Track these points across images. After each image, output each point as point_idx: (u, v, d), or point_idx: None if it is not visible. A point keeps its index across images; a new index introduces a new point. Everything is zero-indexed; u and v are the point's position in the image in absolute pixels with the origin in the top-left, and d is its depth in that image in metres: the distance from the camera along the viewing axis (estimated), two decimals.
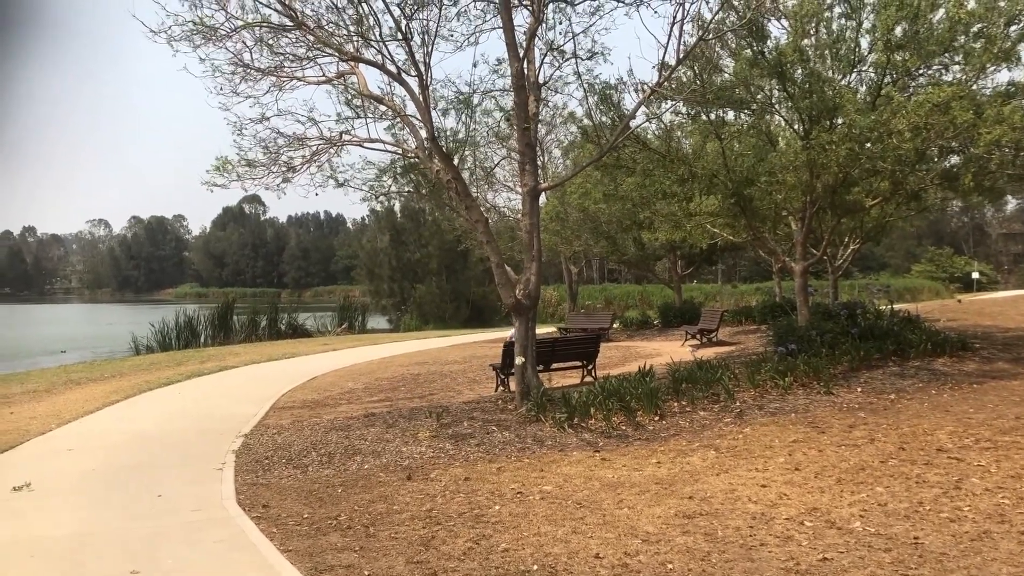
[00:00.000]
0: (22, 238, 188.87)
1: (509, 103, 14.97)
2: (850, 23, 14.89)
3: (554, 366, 15.72)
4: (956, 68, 14.79)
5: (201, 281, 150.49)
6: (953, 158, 16.44)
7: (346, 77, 13.70)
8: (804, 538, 6.60)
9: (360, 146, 13.83)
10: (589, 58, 13.79)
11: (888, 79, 14.55)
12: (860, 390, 12.59)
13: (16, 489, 9.11)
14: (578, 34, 13.47)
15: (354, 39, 12.99)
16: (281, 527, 7.58)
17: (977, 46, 13.97)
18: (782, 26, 15.36)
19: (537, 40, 13.13)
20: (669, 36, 12.03)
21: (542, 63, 13.44)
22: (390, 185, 15.89)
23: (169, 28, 12.17)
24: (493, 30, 13.75)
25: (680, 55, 12.50)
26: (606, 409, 11.52)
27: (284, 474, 9.74)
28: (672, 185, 15.72)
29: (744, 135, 16.01)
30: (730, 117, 16.39)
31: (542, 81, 13.48)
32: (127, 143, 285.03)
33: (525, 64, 12.80)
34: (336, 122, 13.89)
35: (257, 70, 12.98)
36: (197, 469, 10.09)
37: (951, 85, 13.52)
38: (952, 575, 5.72)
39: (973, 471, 8.18)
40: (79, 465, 10.37)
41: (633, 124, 13.88)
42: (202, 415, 14.13)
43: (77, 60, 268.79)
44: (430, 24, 12.85)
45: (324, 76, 13.47)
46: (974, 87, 14.60)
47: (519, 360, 12.82)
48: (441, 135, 13.84)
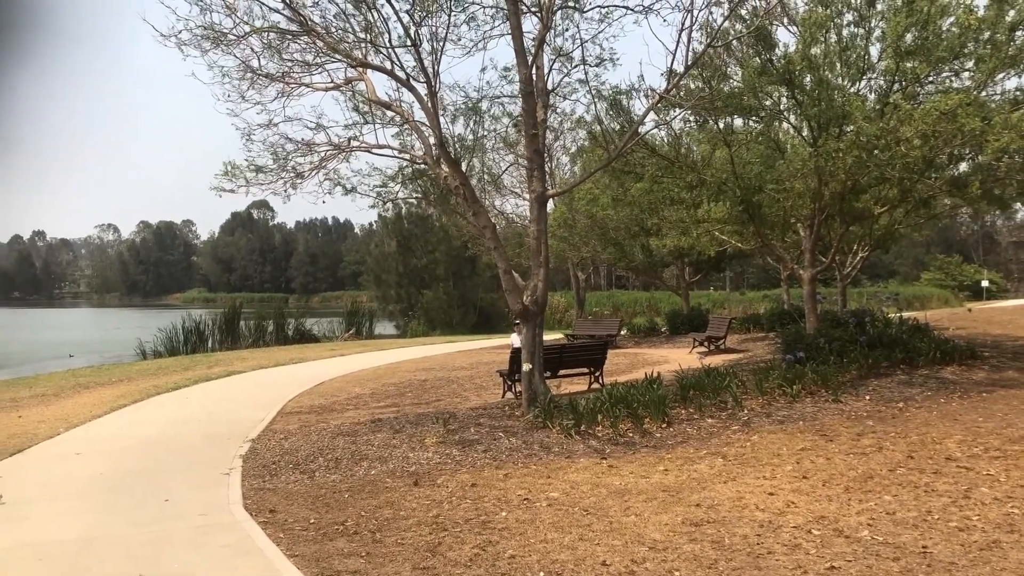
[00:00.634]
0: (32, 242, 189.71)
1: (517, 109, 15.01)
2: (859, 30, 14.87)
3: (561, 373, 15.68)
4: (965, 75, 14.76)
5: (209, 286, 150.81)
6: (962, 165, 16.40)
7: (354, 83, 13.74)
8: (812, 546, 6.57)
9: (368, 152, 13.87)
10: (597, 64, 13.81)
11: (897, 86, 14.53)
12: (868, 398, 12.54)
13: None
14: (586, 41, 13.50)
15: (362, 45, 13.02)
16: (288, 532, 7.58)
17: (986, 52, 13.94)
18: (791, 33, 15.37)
19: (545, 46, 13.15)
20: (677, 43, 12.01)
21: (551, 69, 13.46)
22: (398, 191, 15.92)
23: (179, 33, 12.24)
24: (502, 36, 13.78)
25: (688, 62, 12.50)
26: (613, 416, 11.49)
27: (291, 479, 9.75)
28: (680, 192, 15.72)
29: (753, 142, 15.99)
30: (739, 124, 16.38)
31: (550, 87, 13.49)
32: (131, 145, 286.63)
33: (534, 70, 12.81)
34: (344, 128, 13.95)
35: (265, 76, 13.03)
36: (204, 474, 10.10)
37: (959, 92, 13.48)
38: None
39: (982, 480, 8.14)
40: (87, 469, 10.40)
41: (642, 130, 13.87)
42: (209, 420, 14.15)
43: (81, 63, 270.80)
44: (439, 30, 12.90)
45: (332, 82, 13.50)
46: (982, 94, 14.56)
47: (526, 366, 12.80)
48: (449, 141, 13.86)
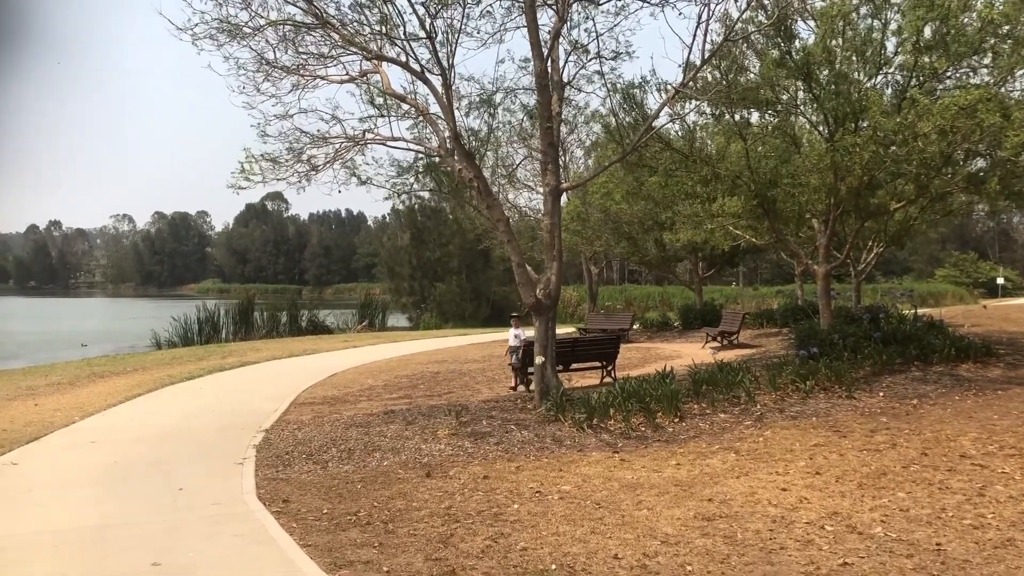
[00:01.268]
0: (48, 232, 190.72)
1: (531, 102, 14.99)
2: (877, 24, 14.75)
3: (573, 366, 15.68)
4: (984, 71, 14.62)
5: (223, 277, 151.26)
6: (979, 161, 16.25)
7: (369, 76, 13.73)
8: (824, 542, 6.55)
9: (383, 144, 13.88)
10: (613, 58, 13.76)
11: (915, 81, 14.41)
12: (882, 395, 12.49)
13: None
14: (602, 34, 13.44)
15: (378, 38, 13.02)
16: (301, 522, 7.62)
17: (1006, 47, 13.80)
18: (809, 27, 15.25)
19: (561, 39, 13.12)
20: (694, 36, 12.00)
21: (566, 62, 13.42)
22: (412, 183, 15.94)
23: (194, 26, 12.26)
24: (517, 28, 13.75)
25: (705, 55, 12.45)
26: (625, 410, 11.48)
27: (304, 469, 9.79)
28: (695, 186, 15.65)
29: (768, 136, 15.90)
30: (754, 119, 16.30)
31: (566, 80, 13.46)
32: (146, 138, 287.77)
33: (549, 63, 12.78)
34: (359, 121, 13.95)
35: (281, 68, 13.04)
36: (218, 463, 10.16)
37: (978, 87, 13.36)
38: None
39: (997, 478, 8.09)
40: (102, 457, 10.48)
41: (656, 124, 13.82)
42: (223, 410, 14.23)
43: (98, 57, 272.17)
44: (454, 23, 12.88)
45: (347, 74, 13.50)
46: (1002, 90, 14.42)
47: (539, 360, 12.81)
48: (464, 134, 13.85)
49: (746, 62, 15.46)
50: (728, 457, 9.53)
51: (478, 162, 13.78)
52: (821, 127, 15.40)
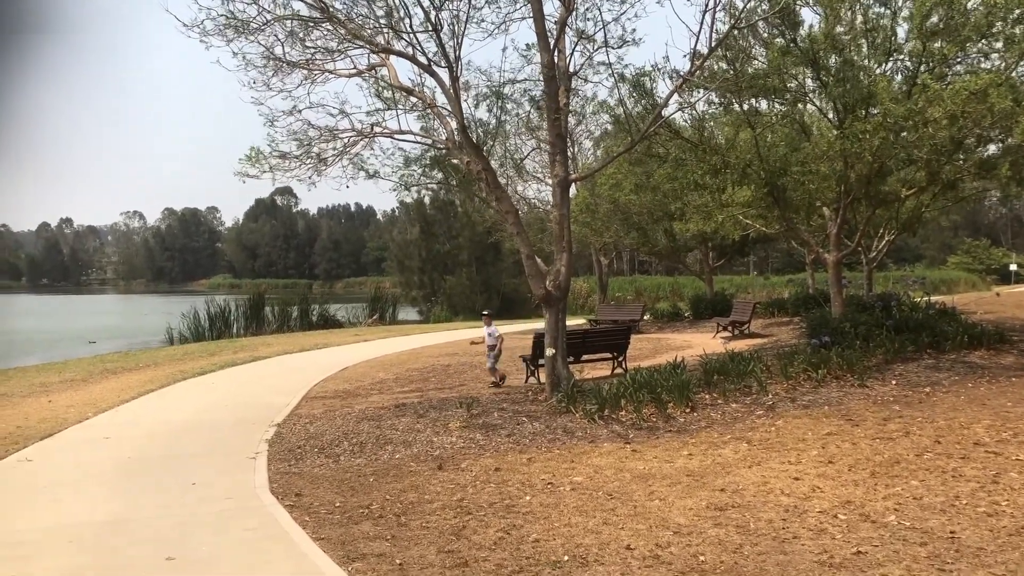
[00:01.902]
0: (59, 230, 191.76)
1: (539, 93, 14.94)
2: (885, 10, 14.65)
3: (584, 358, 15.68)
4: (995, 56, 14.50)
5: (234, 272, 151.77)
6: (991, 147, 16.14)
7: (377, 69, 13.73)
8: (838, 531, 6.53)
9: (391, 138, 13.89)
10: (620, 47, 13.68)
11: (924, 67, 14.31)
12: (895, 383, 12.43)
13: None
14: (609, 23, 13.36)
15: (384, 31, 13.00)
16: (313, 515, 7.65)
17: (1017, 32, 13.68)
18: (816, 13, 15.16)
19: (567, 29, 13.06)
20: (701, 24, 11.90)
21: (572, 52, 13.38)
22: (420, 176, 15.93)
23: (202, 23, 12.27)
24: (523, 19, 13.69)
25: (712, 44, 12.38)
26: (637, 401, 11.47)
27: (316, 463, 9.82)
28: (704, 175, 15.57)
29: (777, 125, 15.82)
30: (763, 107, 16.21)
31: (572, 71, 13.42)
32: (156, 134, 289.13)
33: (555, 54, 12.74)
34: (367, 115, 13.95)
35: (289, 63, 13.04)
36: (230, 458, 10.20)
37: (989, 72, 13.25)
38: (990, 570, 5.64)
39: (1011, 465, 8.05)
40: (115, 453, 10.54)
41: (665, 113, 13.76)
42: (235, 404, 14.28)
43: (106, 56, 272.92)
44: (460, 14, 12.84)
45: (355, 68, 13.50)
46: (1013, 74, 14.30)
47: (549, 351, 12.80)
48: (471, 127, 13.83)
49: (753, 50, 15.37)
50: (740, 447, 9.52)
51: (486, 154, 13.76)
52: (830, 114, 15.30)
